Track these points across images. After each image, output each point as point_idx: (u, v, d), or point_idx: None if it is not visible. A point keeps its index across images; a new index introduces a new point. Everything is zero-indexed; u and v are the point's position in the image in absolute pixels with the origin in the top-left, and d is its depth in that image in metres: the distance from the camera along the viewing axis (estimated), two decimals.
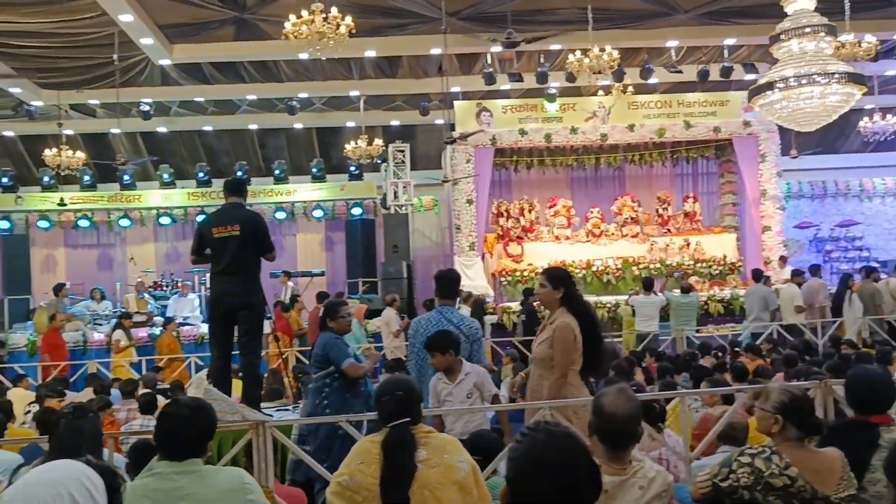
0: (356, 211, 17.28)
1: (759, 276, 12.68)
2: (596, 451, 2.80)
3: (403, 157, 16.22)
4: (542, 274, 4.89)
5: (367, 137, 17.04)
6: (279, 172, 17.39)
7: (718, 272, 15.51)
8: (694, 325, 12.05)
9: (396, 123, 18.52)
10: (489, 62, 14.80)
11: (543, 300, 4.89)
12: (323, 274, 16.75)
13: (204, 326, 13.99)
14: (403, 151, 16.28)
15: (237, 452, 4.31)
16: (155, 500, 2.67)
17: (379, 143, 17.09)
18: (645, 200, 16.74)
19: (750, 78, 15.24)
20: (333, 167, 18.27)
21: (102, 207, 17.18)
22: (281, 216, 17.10)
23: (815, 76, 10.63)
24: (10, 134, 18.20)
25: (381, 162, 17.37)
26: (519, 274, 15.22)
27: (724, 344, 9.86)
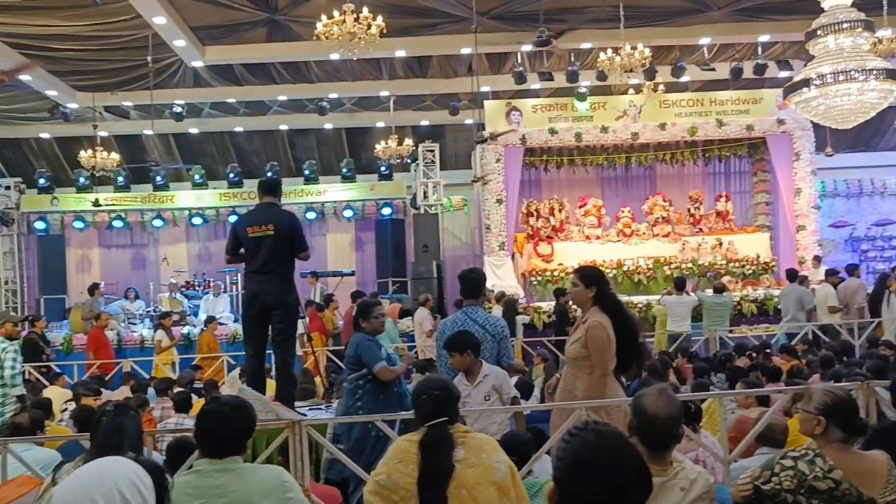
0: (386, 211, 17.33)
1: (794, 275, 12.49)
2: None
3: (433, 156, 16.26)
4: (574, 273, 4.84)
5: (396, 137, 17.06)
6: (309, 173, 17.47)
7: (751, 272, 15.33)
8: (727, 325, 11.91)
9: (426, 123, 18.52)
10: (519, 61, 14.75)
11: (576, 299, 4.85)
12: (353, 274, 16.84)
13: (235, 325, 14.12)
14: (433, 151, 16.33)
15: (272, 451, 4.32)
16: (196, 497, 2.69)
17: (409, 143, 17.09)
18: (676, 200, 16.59)
19: (784, 75, 15.01)
20: (363, 167, 18.33)
21: (136, 208, 17.43)
22: (311, 216, 17.17)
23: (852, 72, 10.46)
24: (46, 136, 18.48)
25: (410, 162, 17.41)
26: (549, 274, 15.16)
27: (758, 344, 9.76)
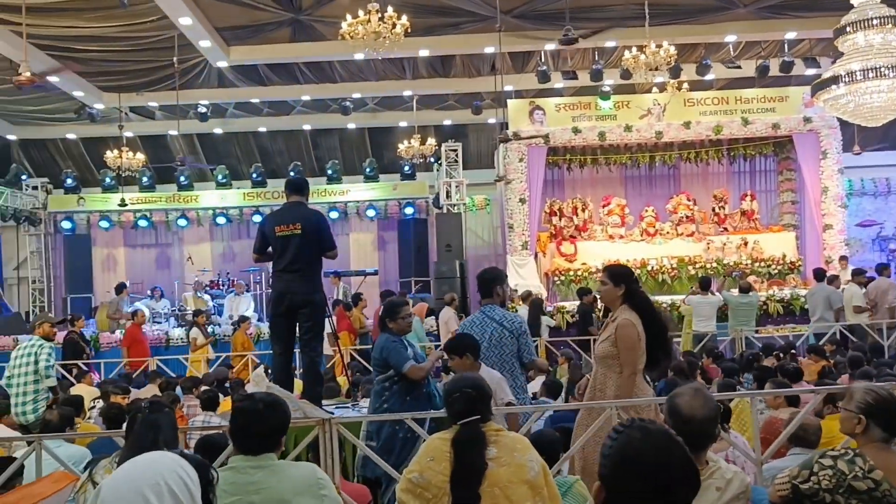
0: (409, 210, 17.36)
1: (821, 275, 12.32)
2: None
3: (456, 156, 16.25)
4: (603, 272, 4.81)
5: (419, 137, 17.07)
6: (332, 172, 17.53)
7: (777, 272, 15.16)
8: (753, 325, 11.79)
9: (449, 123, 18.52)
10: (543, 60, 14.69)
11: (605, 298, 4.83)
12: (376, 273, 16.87)
13: (260, 324, 14.20)
14: (456, 151, 16.31)
15: (301, 449, 4.33)
16: (232, 493, 2.70)
17: (431, 142, 17.10)
18: (701, 199, 16.45)
19: (811, 73, 14.80)
20: (386, 167, 18.37)
21: (161, 208, 17.61)
22: (334, 216, 17.22)
23: (882, 69, 10.29)
24: (72, 136, 18.68)
25: (433, 161, 17.41)
26: (572, 273, 15.07)
27: (784, 345, 9.67)
